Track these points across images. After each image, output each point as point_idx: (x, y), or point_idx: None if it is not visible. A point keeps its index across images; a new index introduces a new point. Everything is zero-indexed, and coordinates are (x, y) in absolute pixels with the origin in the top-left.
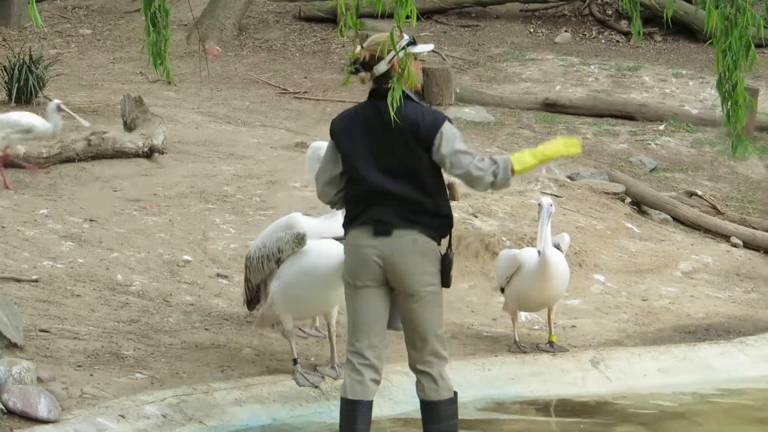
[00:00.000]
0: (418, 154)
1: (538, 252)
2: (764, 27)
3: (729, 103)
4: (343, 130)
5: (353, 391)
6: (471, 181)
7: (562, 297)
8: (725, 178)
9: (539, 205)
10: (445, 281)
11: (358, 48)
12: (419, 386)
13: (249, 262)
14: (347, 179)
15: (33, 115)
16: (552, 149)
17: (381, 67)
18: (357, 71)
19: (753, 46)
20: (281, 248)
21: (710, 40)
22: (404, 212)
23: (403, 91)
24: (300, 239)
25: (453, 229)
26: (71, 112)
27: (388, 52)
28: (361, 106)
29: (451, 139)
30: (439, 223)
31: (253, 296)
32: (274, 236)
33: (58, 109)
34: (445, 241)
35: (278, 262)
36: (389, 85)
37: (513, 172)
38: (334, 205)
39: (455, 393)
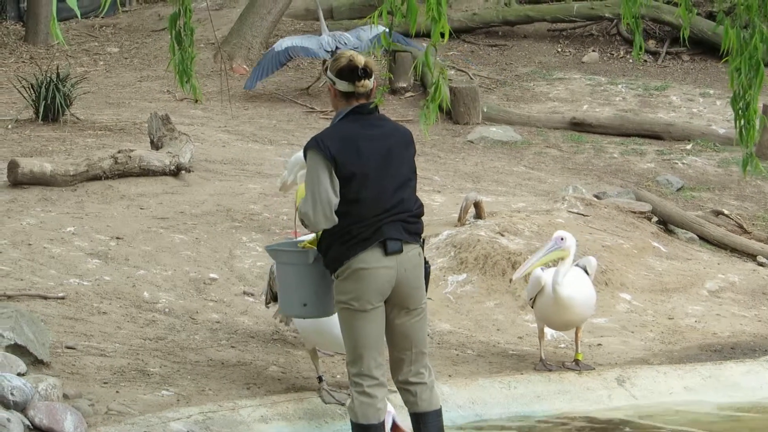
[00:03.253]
0: (413, 162)
1: (510, 280)
2: None
3: (741, 122)
4: (346, 151)
5: (365, 415)
6: None
7: (588, 318)
8: (752, 197)
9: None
10: (426, 291)
11: (363, 59)
12: (411, 399)
13: (272, 275)
14: (348, 201)
15: None
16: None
17: (370, 83)
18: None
19: (762, 65)
20: None
21: (725, 59)
22: (409, 225)
23: (376, 104)
24: None
25: (480, 247)
26: None
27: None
28: (353, 125)
29: None
30: (422, 230)
31: None
32: None
33: None
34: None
35: None
36: (370, 101)
37: None
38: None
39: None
